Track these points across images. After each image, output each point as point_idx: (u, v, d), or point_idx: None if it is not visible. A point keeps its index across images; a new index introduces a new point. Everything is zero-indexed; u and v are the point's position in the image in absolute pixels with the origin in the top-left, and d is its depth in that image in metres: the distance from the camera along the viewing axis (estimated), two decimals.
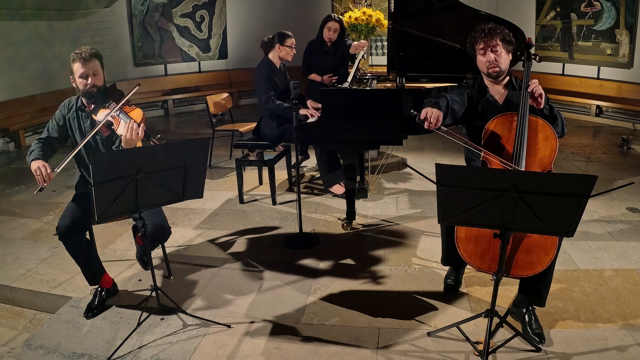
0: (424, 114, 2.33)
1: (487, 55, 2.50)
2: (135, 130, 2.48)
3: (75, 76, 2.62)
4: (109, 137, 2.70)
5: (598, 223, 3.75)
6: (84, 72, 2.59)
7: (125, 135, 2.48)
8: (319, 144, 4.04)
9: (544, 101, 2.41)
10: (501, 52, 2.49)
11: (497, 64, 2.50)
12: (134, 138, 2.49)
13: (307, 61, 4.82)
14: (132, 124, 2.49)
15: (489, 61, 2.51)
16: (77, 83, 2.63)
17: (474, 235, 2.33)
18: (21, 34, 6.61)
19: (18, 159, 6.10)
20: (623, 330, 2.46)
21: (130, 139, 2.49)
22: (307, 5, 9.13)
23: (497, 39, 2.48)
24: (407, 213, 4.02)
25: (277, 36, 4.21)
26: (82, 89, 2.63)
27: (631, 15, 6.77)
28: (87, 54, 2.60)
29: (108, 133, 2.66)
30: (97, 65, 2.64)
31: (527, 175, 2.07)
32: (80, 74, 2.60)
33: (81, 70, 2.59)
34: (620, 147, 5.87)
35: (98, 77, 2.64)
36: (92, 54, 2.62)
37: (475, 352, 2.30)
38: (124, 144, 2.52)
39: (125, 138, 2.49)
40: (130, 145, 2.51)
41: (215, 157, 5.62)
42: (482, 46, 2.51)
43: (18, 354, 2.41)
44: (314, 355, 2.36)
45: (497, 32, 2.49)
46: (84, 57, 2.58)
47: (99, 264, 2.80)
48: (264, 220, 3.96)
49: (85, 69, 2.59)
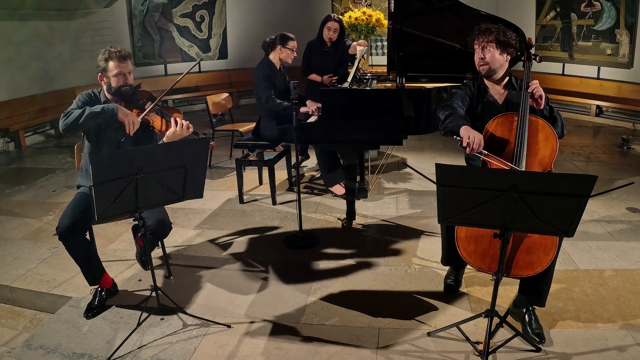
0: (466, 140, 2.26)
1: (477, 53, 2.57)
2: (186, 125, 2.69)
3: (110, 74, 2.68)
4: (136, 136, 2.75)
5: (598, 223, 3.75)
6: (120, 71, 2.68)
7: (175, 131, 2.67)
8: (319, 144, 4.04)
9: (544, 102, 2.41)
10: (492, 51, 2.52)
11: (485, 62, 2.54)
12: (184, 133, 2.70)
13: (307, 61, 4.83)
14: (182, 120, 2.70)
15: (479, 58, 2.56)
16: (112, 81, 2.70)
17: (474, 235, 2.33)
18: (21, 34, 6.61)
19: (18, 159, 6.10)
20: (623, 330, 2.46)
21: (179, 134, 2.68)
22: (307, 5, 9.13)
23: (490, 38, 2.51)
24: (407, 213, 4.02)
25: (279, 37, 4.21)
26: (116, 87, 2.70)
27: (631, 15, 6.77)
28: (124, 53, 2.70)
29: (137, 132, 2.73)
30: (131, 65, 2.75)
31: (527, 175, 2.07)
32: (116, 73, 2.68)
33: (118, 69, 2.67)
34: (620, 147, 5.87)
35: (131, 76, 2.75)
36: (128, 54, 2.74)
37: (475, 352, 2.30)
38: (168, 138, 2.68)
39: (174, 132, 2.67)
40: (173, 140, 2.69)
41: (215, 157, 5.62)
42: (476, 44, 2.58)
43: (18, 354, 2.41)
44: (314, 355, 2.36)
45: (492, 31, 2.52)
46: (122, 55, 2.68)
47: (99, 264, 2.79)
48: (264, 220, 3.96)
49: (122, 68, 2.68)
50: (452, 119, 2.41)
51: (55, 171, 5.39)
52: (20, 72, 6.64)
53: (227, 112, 6.08)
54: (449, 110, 2.49)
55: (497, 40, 2.50)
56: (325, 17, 4.71)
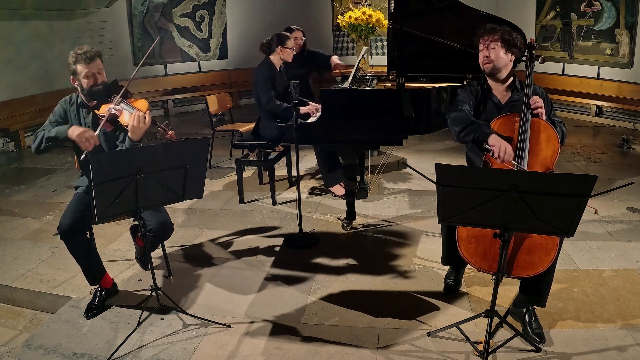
0: (497, 149, 2.26)
1: (482, 52, 2.57)
2: (141, 117, 2.52)
3: (80, 76, 2.63)
4: (111, 133, 2.71)
5: (598, 223, 3.74)
6: (89, 72, 2.61)
7: (132, 123, 2.51)
8: (319, 144, 4.04)
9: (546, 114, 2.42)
10: (498, 50, 2.52)
11: (490, 60, 2.53)
12: (141, 126, 2.54)
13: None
14: (138, 112, 2.53)
15: (484, 56, 2.56)
16: (82, 83, 2.64)
17: (475, 235, 2.33)
18: (21, 34, 6.61)
19: (18, 159, 6.10)
20: (623, 330, 2.45)
21: (138, 127, 2.53)
22: (307, 5, 9.13)
23: (495, 37, 2.51)
24: (407, 213, 4.02)
25: (276, 39, 4.21)
26: (88, 88, 2.64)
27: (631, 15, 6.77)
28: (91, 53, 2.62)
29: (111, 128, 2.67)
30: (100, 63, 2.67)
31: (527, 175, 2.07)
32: (85, 74, 2.61)
33: (86, 70, 2.61)
34: (620, 147, 5.87)
35: (102, 74, 2.68)
36: (95, 53, 2.64)
37: (475, 352, 2.30)
38: (131, 133, 2.55)
39: (132, 126, 2.52)
40: (137, 134, 2.55)
41: (215, 157, 5.62)
42: (480, 43, 2.58)
43: (18, 354, 2.41)
44: (314, 355, 2.36)
45: (498, 31, 2.53)
46: (89, 56, 2.60)
47: (100, 264, 2.80)
48: (264, 220, 3.96)
49: (90, 69, 2.61)
50: (474, 127, 2.39)
51: (55, 171, 5.39)
52: (20, 72, 6.64)
53: (227, 112, 6.08)
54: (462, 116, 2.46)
55: (502, 39, 2.51)
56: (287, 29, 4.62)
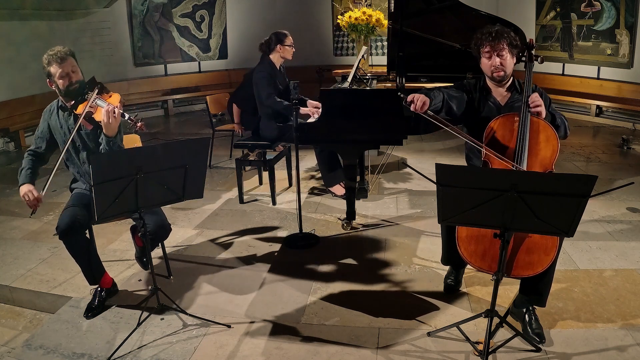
0: (410, 97, 2.37)
1: (493, 60, 2.49)
2: (111, 112, 2.49)
3: (55, 78, 2.63)
4: (93, 131, 2.70)
5: (598, 223, 3.74)
6: (63, 72, 2.60)
7: (104, 120, 2.50)
8: (319, 144, 4.04)
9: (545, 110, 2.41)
10: (507, 56, 2.48)
11: (502, 68, 2.49)
12: (111, 121, 2.51)
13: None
14: (109, 107, 2.50)
15: (494, 65, 2.49)
16: (58, 84, 2.64)
17: (475, 235, 2.33)
18: (21, 34, 6.61)
19: (18, 159, 6.10)
20: (623, 330, 2.45)
21: (109, 123, 2.50)
22: (307, 5, 9.13)
23: (504, 43, 2.46)
24: (407, 213, 4.02)
25: (275, 38, 4.21)
26: (64, 88, 2.63)
27: (631, 15, 6.77)
28: (62, 53, 2.61)
29: (92, 127, 2.67)
30: (73, 62, 2.66)
31: (527, 175, 2.07)
32: (59, 75, 2.61)
33: (59, 70, 2.60)
34: (620, 147, 5.87)
35: (77, 73, 2.66)
36: (66, 52, 2.63)
37: (475, 352, 2.30)
38: (105, 130, 2.54)
39: (104, 123, 2.51)
40: (111, 130, 2.54)
41: (215, 157, 5.62)
42: (487, 49, 2.50)
43: (18, 354, 2.41)
44: (314, 355, 2.36)
45: (504, 36, 2.47)
46: (60, 56, 2.60)
47: (99, 264, 2.79)
48: (264, 220, 3.96)
49: (63, 69, 2.60)
50: None
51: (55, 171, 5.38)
52: (20, 72, 6.64)
53: (227, 112, 6.07)
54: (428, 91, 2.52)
55: (510, 44, 2.47)
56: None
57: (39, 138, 2.78)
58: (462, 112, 2.60)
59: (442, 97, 2.53)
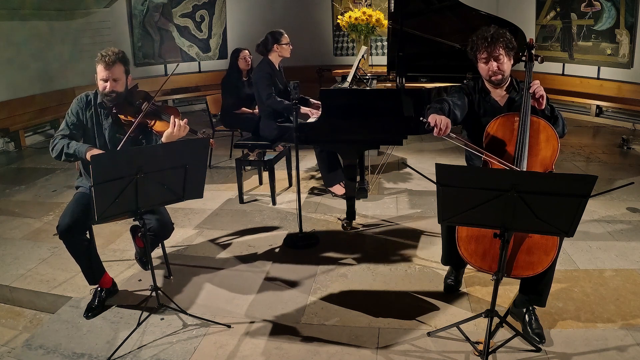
0: (432, 120, 2.28)
1: (490, 64, 2.49)
2: (182, 126, 2.58)
3: (97, 77, 2.63)
4: (134, 137, 2.70)
5: (598, 223, 3.74)
6: (104, 77, 2.60)
7: (172, 132, 2.56)
8: (319, 144, 4.04)
9: (545, 102, 2.40)
10: (504, 59, 2.48)
11: (500, 72, 2.49)
12: (181, 134, 2.59)
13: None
14: (179, 120, 2.59)
15: (492, 70, 2.49)
16: (98, 84, 2.64)
17: (475, 235, 2.33)
18: (21, 34, 6.61)
19: (18, 159, 6.10)
20: (623, 330, 2.45)
21: (178, 135, 2.59)
22: (307, 5, 9.14)
23: (500, 47, 2.45)
24: (407, 213, 4.02)
25: (271, 38, 4.23)
26: (101, 92, 2.64)
27: (631, 15, 6.77)
28: (111, 58, 2.58)
29: (135, 133, 2.67)
30: (121, 71, 2.62)
31: (527, 175, 2.07)
32: (101, 77, 2.60)
33: (102, 74, 2.59)
34: (620, 147, 5.87)
35: (119, 83, 2.63)
36: (117, 58, 2.60)
37: (475, 352, 2.30)
38: (166, 139, 2.59)
39: (170, 134, 2.57)
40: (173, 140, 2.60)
41: (215, 157, 5.62)
42: (484, 55, 2.49)
43: (18, 354, 2.41)
44: (314, 355, 2.36)
45: (500, 39, 2.46)
46: (107, 61, 2.57)
47: (99, 264, 2.79)
48: (264, 220, 3.96)
49: (106, 74, 2.59)
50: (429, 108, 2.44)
51: (55, 171, 5.39)
52: (20, 72, 6.64)
53: None
54: (437, 104, 2.48)
55: (506, 47, 2.46)
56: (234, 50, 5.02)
57: (72, 124, 2.67)
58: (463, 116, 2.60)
59: (449, 108, 2.50)
